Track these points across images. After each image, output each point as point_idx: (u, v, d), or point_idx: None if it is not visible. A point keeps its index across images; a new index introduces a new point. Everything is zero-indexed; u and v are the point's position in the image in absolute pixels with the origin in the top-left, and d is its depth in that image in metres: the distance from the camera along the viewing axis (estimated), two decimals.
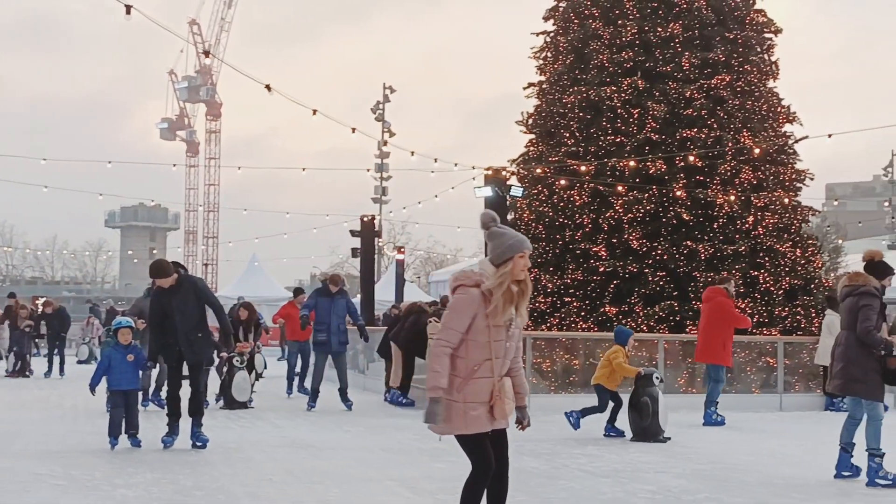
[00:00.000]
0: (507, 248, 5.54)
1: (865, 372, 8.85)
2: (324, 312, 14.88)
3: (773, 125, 19.68)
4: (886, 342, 8.84)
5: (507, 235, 5.63)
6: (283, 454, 10.17)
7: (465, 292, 5.46)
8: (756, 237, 18.52)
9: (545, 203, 19.63)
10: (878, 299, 8.91)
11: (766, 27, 20.37)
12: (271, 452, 10.25)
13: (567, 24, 20.55)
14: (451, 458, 10.02)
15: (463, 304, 5.45)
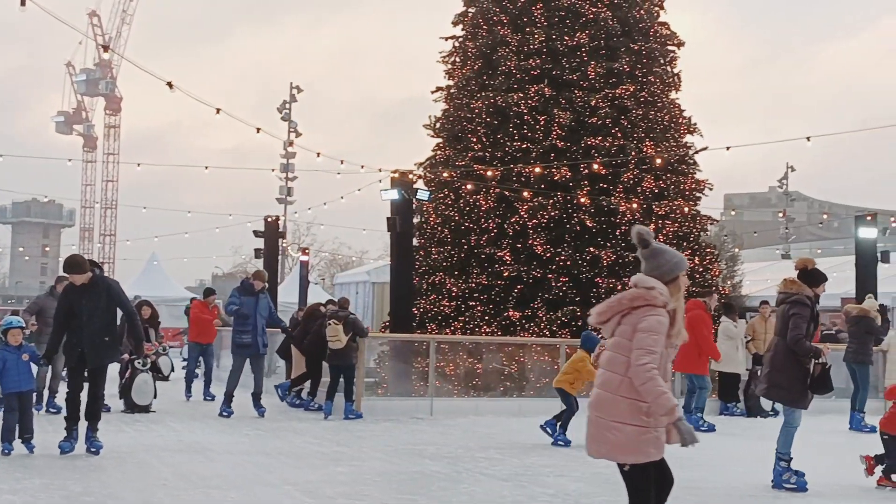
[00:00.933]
0: (674, 266, 5.41)
1: (790, 380, 8.98)
2: (249, 312, 14.26)
3: (675, 136, 20.11)
4: (815, 350, 8.95)
5: (671, 252, 5.49)
6: (179, 458, 9.91)
7: (658, 313, 5.24)
8: None
9: (451, 207, 19.67)
10: (808, 308, 9.00)
11: (669, 40, 20.81)
12: (166, 457, 9.97)
13: (476, 30, 20.65)
14: (353, 463, 9.95)
15: (661, 325, 5.22)
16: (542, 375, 16.95)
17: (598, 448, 5.33)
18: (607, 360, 5.37)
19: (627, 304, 5.31)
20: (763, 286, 37.31)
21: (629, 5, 20.18)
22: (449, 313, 18.79)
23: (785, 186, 55.63)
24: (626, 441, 5.15)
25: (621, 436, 5.16)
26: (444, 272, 19.29)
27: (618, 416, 5.18)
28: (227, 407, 14.14)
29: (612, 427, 5.19)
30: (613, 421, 5.19)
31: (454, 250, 19.39)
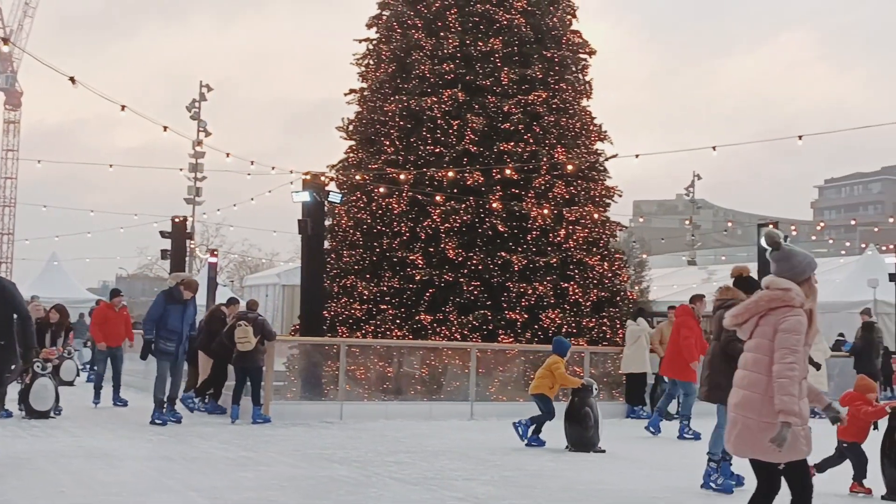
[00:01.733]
0: (806, 266, 5.53)
1: (728, 381, 9.13)
2: (176, 321, 13.75)
3: (586, 143, 20.37)
4: None
5: (802, 253, 5.59)
6: (78, 465, 9.60)
7: (797, 313, 5.38)
8: (567, 250, 19.09)
9: (363, 210, 19.58)
10: None
11: (581, 48, 21.08)
12: (65, 463, 9.66)
13: (390, 33, 20.61)
14: (260, 468, 9.79)
15: (801, 325, 5.37)
16: (453, 379, 17.01)
17: (750, 448, 5.46)
18: (752, 361, 5.53)
19: (765, 305, 5.49)
20: (670, 291, 38.06)
21: (542, 13, 20.39)
22: (360, 317, 18.69)
23: (691, 194, 56.88)
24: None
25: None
26: (356, 275, 19.19)
27: (769, 416, 5.31)
28: (160, 414, 13.67)
29: (765, 427, 5.32)
30: (765, 421, 5.33)
31: (366, 253, 19.30)
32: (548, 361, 13.00)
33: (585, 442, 12.10)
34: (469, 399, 16.13)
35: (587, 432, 12.11)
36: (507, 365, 17.28)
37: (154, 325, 13.68)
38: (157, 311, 13.82)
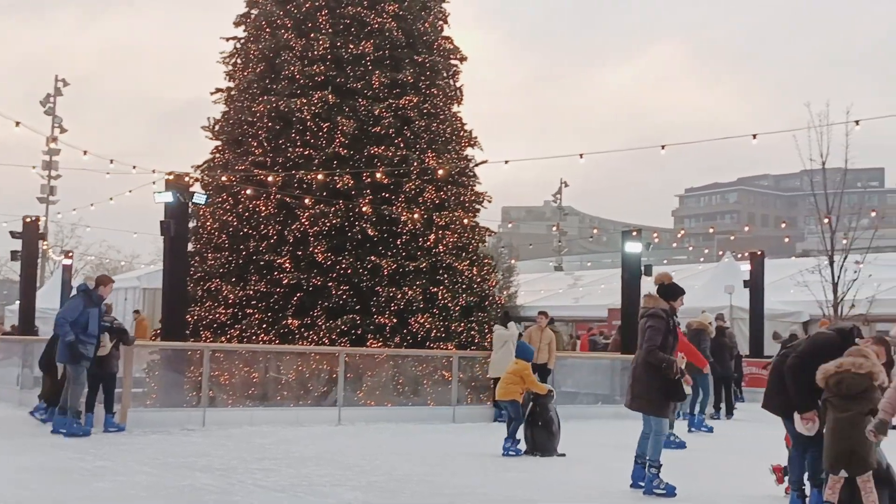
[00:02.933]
0: None
1: (649, 390, 9.29)
2: (94, 324, 13.28)
3: (456, 148, 20.48)
4: (668, 360, 9.24)
5: None
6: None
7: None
8: (437, 255, 19.14)
9: (230, 212, 19.17)
10: (664, 321, 9.37)
11: (452, 54, 21.19)
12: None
13: (259, 32, 20.25)
14: (117, 478, 9.42)
15: None
16: (321, 384, 16.81)
17: None
18: None
19: None
20: (537, 296, 38.75)
21: (414, 18, 20.40)
22: (225, 321, 18.27)
23: (559, 201, 58.09)
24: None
25: None
26: (221, 279, 18.76)
27: None
28: (79, 424, 13.06)
29: None
30: None
31: (232, 256, 18.89)
32: (516, 367, 13.12)
33: (550, 447, 12.44)
34: (337, 404, 15.99)
35: (553, 437, 12.49)
36: (375, 370, 17.19)
37: (71, 327, 13.04)
38: (74, 312, 13.19)
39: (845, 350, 7.65)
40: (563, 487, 9.98)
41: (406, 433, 14.37)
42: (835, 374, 7.27)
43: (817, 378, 7.39)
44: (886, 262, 28.07)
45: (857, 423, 7.09)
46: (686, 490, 9.44)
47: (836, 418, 7.19)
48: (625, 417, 18.18)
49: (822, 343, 7.93)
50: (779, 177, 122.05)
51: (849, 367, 7.23)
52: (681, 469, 10.68)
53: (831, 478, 7.19)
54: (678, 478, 9.63)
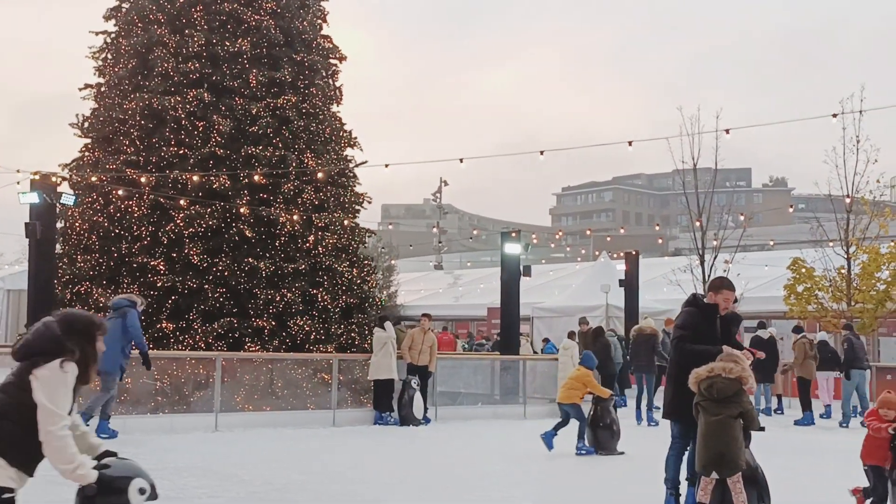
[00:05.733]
0: None
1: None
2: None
3: (336, 149, 20.29)
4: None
5: None
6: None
7: None
8: (316, 256, 18.93)
9: (100, 213, 18.52)
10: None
11: (332, 53, 20.99)
12: None
13: (130, 27, 19.63)
14: None
15: None
16: (197, 389, 16.39)
17: None
18: None
19: None
20: (417, 296, 38.83)
21: (292, 16, 20.12)
22: None
23: (438, 200, 58.37)
24: None
25: None
26: (91, 281, 18.11)
27: None
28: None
29: None
30: None
31: (103, 258, 18.26)
32: (578, 374, 13.70)
33: (612, 446, 13.15)
34: (214, 410, 15.61)
35: (615, 436, 13.20)
36: (253, 374, 16.87)
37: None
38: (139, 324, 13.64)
39: (706, 316, 8.02)
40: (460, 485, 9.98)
41: (286, 438, 14.15)
42: (706, 378, 7.47)
43: (689, 382, 7.58)
44: (753, 262, 29.19)
45: (727, 426, 7.31)
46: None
47: (707, 422, 7.40)
48: (502, 417, 18.44)
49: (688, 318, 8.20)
50: (652, 176, 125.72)
51: (720, 372, 7.45)
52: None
53: (703, 479, 7.39)
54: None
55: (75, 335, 4.61)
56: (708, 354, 7.78)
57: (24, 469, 4.49)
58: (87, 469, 4.52)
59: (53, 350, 4.52)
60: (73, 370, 4.51)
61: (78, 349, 4.56)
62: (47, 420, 4.38)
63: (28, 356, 4.55)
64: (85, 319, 4.78)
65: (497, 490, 9.95)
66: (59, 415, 4.41)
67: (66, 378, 4.49)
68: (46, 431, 4.39)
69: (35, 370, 4.46)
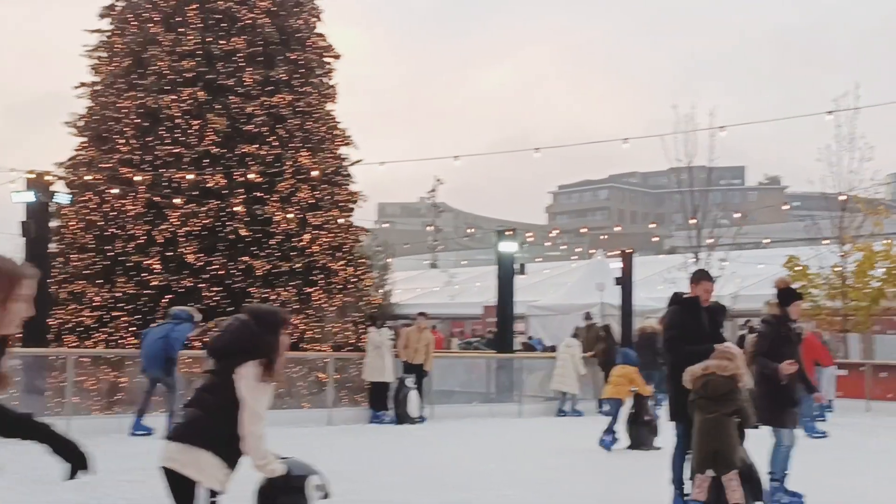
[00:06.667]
0: None
1: (760, 398, 8.65)
2: None
3: (331, 147, 20.28)
4: (771, 366, 8.60)
5: None
6: None
7: None
8: (311, 255, 18.92)
9: (95, 212, 18.49)
10: (773, 327, 8.88)
11: (326, 51, 20.96)
12: None
13: (124, 25, 19.59)
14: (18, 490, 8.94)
15: None
16: (192, 388, 16.37)
17: None
18: None
19: None
20: (413, 294, 38.80)
21: (287, 14, 20.09)
22: (90, 324, 17.64)
23: (433, 198, 58.31)
24: None
25: None
26: (86, 280, 18.09)
27: None
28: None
29: None
30: None
31: (97, 257, 18.23)
32: (625, 371, 13.84)
33: (650, 442, 13.40)
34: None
35: (653, 433, 13.46)
36: None
37: None
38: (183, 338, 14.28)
39: (689, 310, 8.12)
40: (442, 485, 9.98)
41: (281, 437, 14.09)
42: (701, 376, 7.48)
43: (684, 380, 7.59)
44: (748, 259, 29.20)
45: (722, 424, 7.32)
46: None
47: (702, 419, 7.40)
48: (497, 415, 18.44)
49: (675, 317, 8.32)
50: (647, 174, 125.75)
51: (714, 370, 7.46)
52: None
53: (698, 477, 7.40)
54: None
55: (269, 331, 4.68)
56: (701, 354, 7.82)
57: (232, 468, 4.61)
58: (276, 463, 4.68)
59: (252, 348, 4.60)
60: (269, 366, 4.62)
61: (272, 344, 4.66)
62: (250, 419, 4.52)
63: (228, 354, 4.63)
64: (274, 314, 4.86)
65: (493, 489, 9.96)
66: (260, 414, 4.56)
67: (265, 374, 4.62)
68: (249, 431, 4.53)
69: (238, 368, 4.54)
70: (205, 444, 4.46)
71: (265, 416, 4.60)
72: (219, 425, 4.50)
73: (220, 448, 4.49)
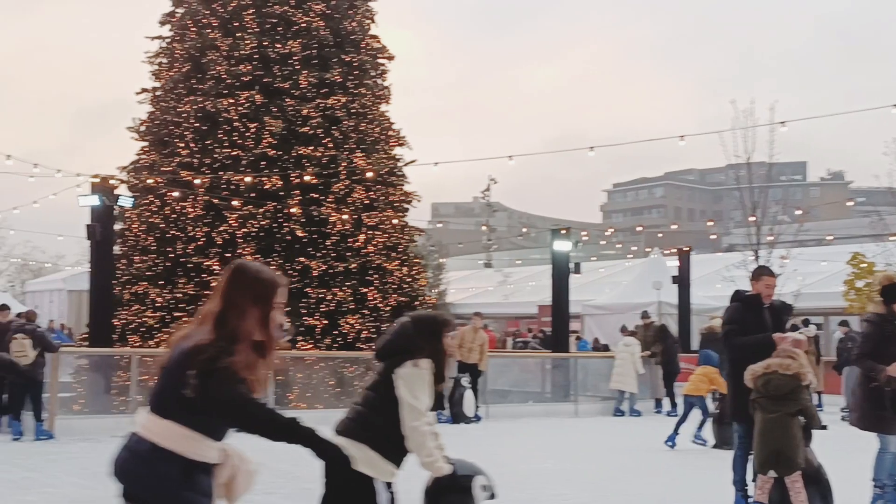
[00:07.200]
0: None
1: (861, 402, 8.28)
2: None
3: (385, 148, 20.43)
4: (876, 368, 8.00)
5: None
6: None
7: None
8: (366, 255, 19.08)
9: (156, 214, 18.86)
10: (878, 326, 8.21)
11: (380, 53, 21.13)
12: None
13: (184, 32, 19.95)
14: (45, 490, 9.20)
15: None
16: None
17: None
18: None
19: None
20: (466, 294, 38.87)
21: (341, 17, 20.30)
22: (153, 324, 17.98)
23: (487, 198, 58.26)
24: None
25: None
26: (149, 282, 18.45)
27: None
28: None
29: None
30: None
31: (159, 259, 18.59)
32: (705, 370, 14.02)
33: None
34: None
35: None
36: (305, 372, 17.05)
37: None
38: None
39: (750, 308, 7.96)
40: None
41: None
42: (763, 374, 7.35)
43: (745, 378, 7.47)
44: (810, 257, 28.76)
45: (785, 424, 7.16)
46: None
47: (764, 419, 7.27)
48: (553, 415, 18.41)
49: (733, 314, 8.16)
50: (704, 171, 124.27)
51: (776, 368, 7.31)
52: None
53: (760, 478, 7.27)
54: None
55: (426, 334, 4.85)
56: (756, 343, 7.68)
57: (397, 463, 4.76)
58: (443, 462, 4.80)
59: (408, 349, 4.78)
60: (427, 367, 4.75)
61: (428, 347, 4.79)
62: (410, 416, 4.64)
63: (389, 355, 4.83)
64: (434, 319, 5.04)
65: (547, 487, 9.97)
66: (420, 411, 4.66)
67: (423, 375, 4.74)
68: (410, 427, 4.65)
69: (396, 369, 4.72)
70: (366, 440, 4.62)
71: (425, 412, 4.69)
72: (378, 421, 4.67)
73: (380, 443, 4.64)
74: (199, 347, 3.49)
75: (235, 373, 3.49)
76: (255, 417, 3.63)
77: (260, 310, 3.63)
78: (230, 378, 3.48)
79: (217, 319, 3.58)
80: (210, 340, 3.51)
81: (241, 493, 3.77)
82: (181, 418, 3.53)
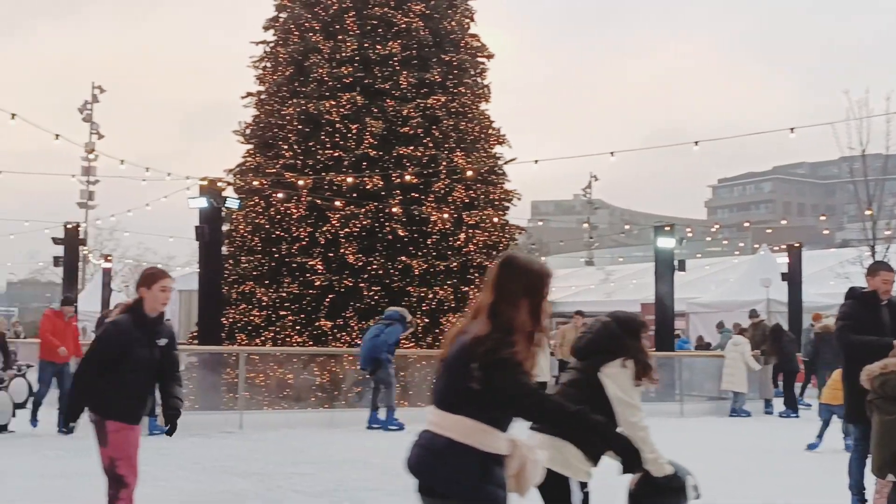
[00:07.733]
0: None
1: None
2: None
3: (485, 146, 20.43)
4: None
5: None
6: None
7: None
8: (467, 254, 19.11)
9: (261, 215, 19.25)
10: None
11: (479, 52, 21.13)
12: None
13: (287, 36, 20.32)
14: (157, 483, 9.45)
15: None
16: (355, 385, 16.82)
17: None
18: None
19: None
20: (568, 293, 38.55)
21: (440, 17, 20.37)
22: (259, 323, 18.37)
23: (588, 195, 57.73)
24: None
25: None
26: (255, 281, 18.85)
27: None
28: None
29: None
30: None
31: (265, 259, 18.98)
32: (840, 375, 13.72)
33: None
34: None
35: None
36: (407, 370, 17.16)
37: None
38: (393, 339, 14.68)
39: (866, 304, 7.60)
40: None
41: None
42: (879, 374, 7.04)
43: (861, 379, 7.17)
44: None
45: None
46: None
47: (881, 421, 6.97)
48: (657, 415, 18.07)
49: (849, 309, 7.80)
50: (815, 164, 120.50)
51: (894, 368, 7.00)
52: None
53: (878, 482, 6.97)
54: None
55: (630, 334, 4.94)
56: (874, 345, 7.36)
57: (594, 462, 4.78)
58: (665, 461, 4.81)
59: (615, 348, 4.85)
60: (632, 366, 4.82)
61: (632, 347, 4.88)
62: (628, 412, 4.70)
63: (591, 354, 4.91)
64: (635, 320, 5.14)
65: None
66: (637, 406, 4.73)
67: (630, 373, 4.82)
68: (629, 423, 4.69)
69: (603, 368, 4.79)
70: (570, 437, 4.60)
71: (640, 406, 4.69)
72: None
73: (583, 440, 4.60)
74: (478, 339, 3.49)
75: (519, 363, 3.48)
76: (543, 407, 3.61)
77: (531, 301, 3.60)
78: (514, 368, 3.47)
79: (491, 311, 3.58)
80: (487, 332, 3.50)
81: (531, 484, 3.71)
82: (470, 412, 3.51)
